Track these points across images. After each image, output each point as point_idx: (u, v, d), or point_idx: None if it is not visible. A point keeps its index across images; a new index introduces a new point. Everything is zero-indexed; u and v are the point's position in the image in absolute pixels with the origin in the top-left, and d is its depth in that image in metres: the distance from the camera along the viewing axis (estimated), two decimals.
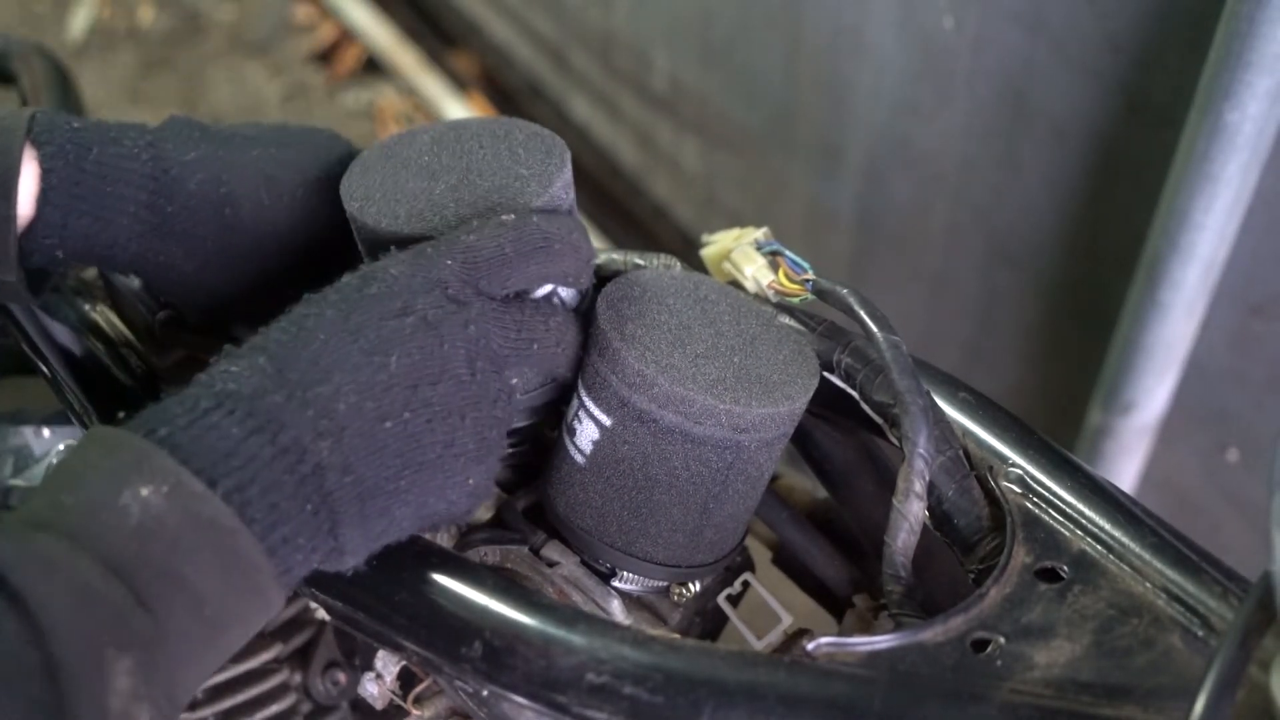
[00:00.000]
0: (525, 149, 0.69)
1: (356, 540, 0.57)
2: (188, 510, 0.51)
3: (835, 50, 1.54)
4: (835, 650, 0.59)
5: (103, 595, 0.48)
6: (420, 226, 0.64)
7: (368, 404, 0.56)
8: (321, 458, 0.55)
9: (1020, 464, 0.67)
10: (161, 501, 0.50)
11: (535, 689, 0.60)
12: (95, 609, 0.48)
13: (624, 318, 0.66)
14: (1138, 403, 1.31)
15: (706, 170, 1.96)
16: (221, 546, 0.52)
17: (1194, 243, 1.14)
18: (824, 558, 0.84)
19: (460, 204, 0.66)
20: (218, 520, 0.51)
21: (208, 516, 0.51)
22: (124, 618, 0.49)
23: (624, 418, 0.66)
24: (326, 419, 0.55)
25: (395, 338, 0.57)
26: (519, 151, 0.68)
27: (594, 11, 2.01)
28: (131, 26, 2.73)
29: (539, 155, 0.68)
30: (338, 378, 0.56)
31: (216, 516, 0.51)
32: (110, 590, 0.49)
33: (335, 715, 1.03)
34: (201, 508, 0.51)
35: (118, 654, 0.48)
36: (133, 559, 0.50)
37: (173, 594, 0.50)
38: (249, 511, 0.53)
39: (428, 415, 0.58)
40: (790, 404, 0.66)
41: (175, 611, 0.50)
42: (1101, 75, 1.22)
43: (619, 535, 0.69)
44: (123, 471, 0.51)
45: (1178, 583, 0.61)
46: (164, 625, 0.50)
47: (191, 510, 0.51)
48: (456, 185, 0.67)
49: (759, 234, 0.76)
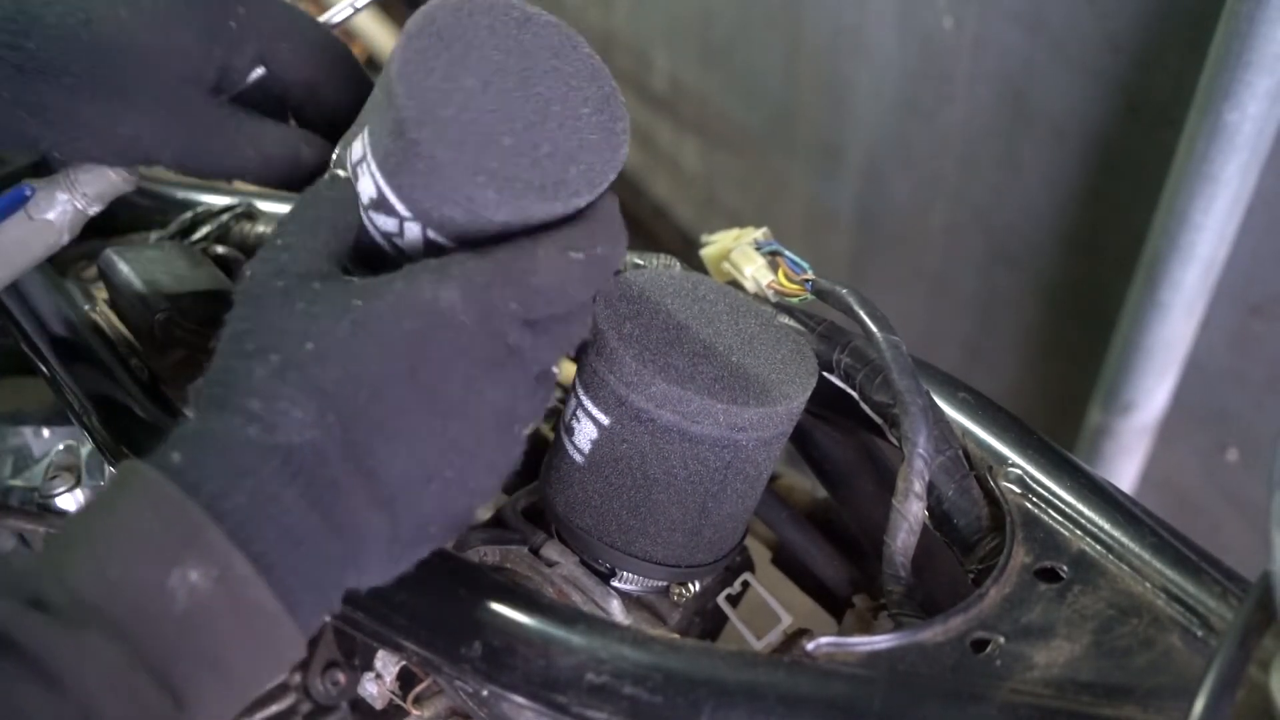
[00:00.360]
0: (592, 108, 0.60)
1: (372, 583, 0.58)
2: (233, 595, 0.51)
3: (835, 50, 1.54)
4: (835, 650, 0.60)
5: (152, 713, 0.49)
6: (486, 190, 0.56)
7: (421, 466, 0.56)
8: (371, 530, 0.55)
9: (1020, 464, 0.67)
10: (210, 586, 0.50)
11: (535, 689, 0.60)
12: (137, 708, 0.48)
13: (622, 317, 0.66)
14: (1137, 403, 1.31)
15: (706, 170, 1.96)
16: (262, 630, 0.52)
17: (1194, 243, 1.14)
18: (824, 558, 0.84)
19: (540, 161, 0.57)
20: (263, 606, 0.51)
21: (254, 601, 0.51)
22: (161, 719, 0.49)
23: (622, 417, 0.66)
24: (383, 488, 0.55)
25: (457, 405, 0.56)
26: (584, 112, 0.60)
27: (594, 11, 2.01)
28: None
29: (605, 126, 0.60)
30: (399, 445, 0.55)
31: (263, 603, 0.51)
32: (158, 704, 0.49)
33: (335, 715, 1.03)
34: (248, 592, 0.51)
35: None
36: (174, 652, 0.49)
37: (209, 680, 0.51)
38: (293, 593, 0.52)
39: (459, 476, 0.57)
40: (788, 403, 0.66)
41: (206, 696, 0.51)
42: (1101, 75, 1.22)
43: (618, 535, 0.69)
44: (173, 549, 0.50)
45: (1177, 583, 0.61)
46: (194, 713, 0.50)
47: (237, 595, 0.51)
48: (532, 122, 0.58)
49: (758, 234, 0.76)
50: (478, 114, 0.57)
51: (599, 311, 0.67)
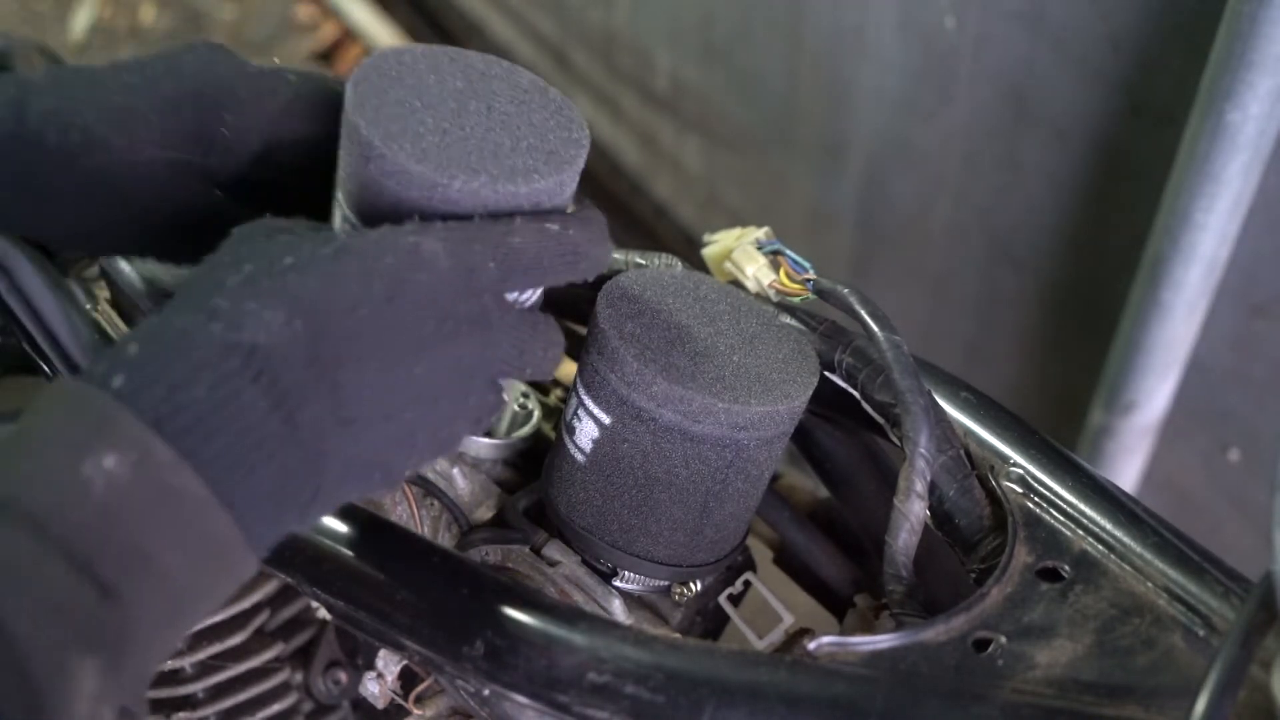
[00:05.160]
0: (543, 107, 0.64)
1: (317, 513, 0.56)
2: (155, 481, 0.48)
3: (836, 50, 1.54)
4: (837, 650, 0.59)
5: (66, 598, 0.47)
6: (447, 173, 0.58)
7: (385, 398, 0.55)
8: (333, 443, 0.54)
9: (1022, 464, 0.67)
10: (129, 473, 0.48)
11: (537, 688, 0.60)
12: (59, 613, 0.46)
13: (623, 316, 0.66)
14: (1139, 403, 1.31)
15: (708, 170, 1.96)
16: (192, 521, 0.49)
17: (1195, 243, 1.14)
18: (825, 557, 0.84)
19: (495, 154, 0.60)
20: (189, 493, 0.49)
21: (178, 488, 0.49)
22: (89, 619, 0.47)
23: (623, 416, 0.66)
24: (348, 406, 0.54)
25: (427, 345, 0.56)
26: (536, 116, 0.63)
27: (595, 11, 2.00)
28: (133, 26, 2.74)
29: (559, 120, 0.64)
30: (368, 368, 0.54)
31: (187, 489, 0.49)
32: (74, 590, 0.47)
33: (336, 714, 1.03)
34: (172, 479, 0.49)
35: (82, 657, 0.46)
36: (97, 541, 0.47)
37: (140, 578, 0.48)
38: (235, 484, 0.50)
39: (419, 423, 0.57)
40: (789, 402, 0.66)
41: (141, 594, 0.48)
42: (1103, 75, 1.22)
43: (620, 534, 0.69)
44: (85, 438, 0.48)
45: (1179, 582, 0.61)
46: (131, 614, 0.48)
47: (160, 481, 0.49)
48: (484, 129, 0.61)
49: (760, 233, 0.76)
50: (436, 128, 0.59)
51: (600, 311, 0.67)
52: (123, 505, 0.48)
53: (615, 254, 0.75)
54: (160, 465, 0.49)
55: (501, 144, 0.60)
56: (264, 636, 0.97)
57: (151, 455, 0.49)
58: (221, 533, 0.50)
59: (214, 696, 0.95)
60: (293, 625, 0.99)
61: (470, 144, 0.59)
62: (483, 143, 0.60)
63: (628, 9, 1.94)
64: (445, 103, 0.61)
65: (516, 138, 0.61)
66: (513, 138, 0.61)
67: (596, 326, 0.67)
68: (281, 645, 0.97)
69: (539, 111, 0.63)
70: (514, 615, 0.61)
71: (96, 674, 0.47)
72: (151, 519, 0.48)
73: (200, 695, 0.95)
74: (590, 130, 0.65)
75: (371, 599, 0.64)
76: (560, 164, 0.61)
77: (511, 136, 0.61)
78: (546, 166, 0.60)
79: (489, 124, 0.61)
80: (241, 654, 0.95)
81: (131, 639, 0.49)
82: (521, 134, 0.61)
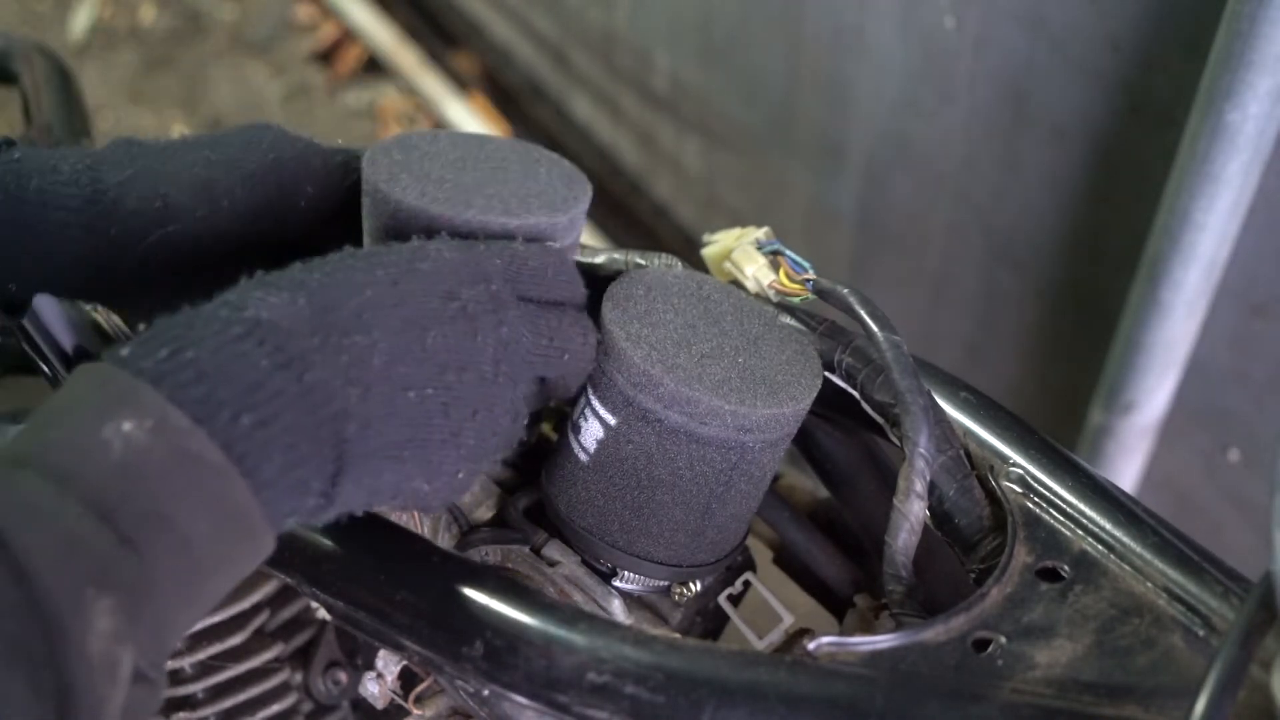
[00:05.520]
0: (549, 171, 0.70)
1: (348, 495, 0.56)
2: (172, 445, 0.50)
3: (836, 50, 1.54)
4: (836, 650, 0.59)
5: (84, 537, 0.47)
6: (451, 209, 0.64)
7: (399, 368, 0.56)
8: (348, 404, 0.54)
9: (1021, 464, 0.67)
10: (146, 437, 0.49)
11: (536, 688, 0.60)
12: (76, 550, 0.47)
13: (629, 317, 0.67)
14: (1139, 402, 1.31)
15: (707, 170, 1.96)
16: (209, 486, 0.50)
17: (1195, 242, 1.14)
18: (825, 557, 0.84)
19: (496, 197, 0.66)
20: (205, 458, 0.50)
21: (194, 452, 0.50)
22: (106, 559, 0.48)
23: (629, 417, 0.66)
24: (358, 368, 0.55)
25: (437, 317, 0.58)
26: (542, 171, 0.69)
27: (595, 11, 2.01)
28: (133, 26, 2.74)
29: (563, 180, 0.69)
30: (377, 334, 0.56)
31: (204, 454, 0.50)
32: (92, 531, 0.48)
33: (336, 715, 1.03)
34: (188, 443, 0.50)
35: (98, 594, 0.47)
36: (116, 497, 0.48)
37: (158, 535, 0.49)
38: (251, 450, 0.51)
39: (445, 399, 0.58)
40: (795, 404, 0.66)
41: (160, 554, 0.49)
42: (1102, 75, 1.22)
43: (620, 534, 0.69)
44: (105, 407, 0.50)
45: (1179, 583, 0.61)
46: (149, 567, 0.49)
47: (176, 445, 0.50)
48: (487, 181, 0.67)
49: (760, 233, 0.76)
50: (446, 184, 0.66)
51: (606, 311, 0.67)
52: (141, 466, 0.49)
53: (615, 254, 0.75)
54: (176, 431, 0.50)
55: (502, 190, 0.66)
56: (264, 637, 0.97)
57: (167, 421, 0.50)
58: (238, 499, 0.51)
59: (214, 697, 0.95)
60: (292, 625, 0.99)
61: (474, 189, 0.66)
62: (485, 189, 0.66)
63: (628, 9, 1.94)
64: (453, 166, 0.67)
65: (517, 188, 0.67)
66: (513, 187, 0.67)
67: (603, 328, 0.67)
68: (281, 645, 0.97)
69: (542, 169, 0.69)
70: (513, 615, 0.61)
71: (112, 614, 0.47)
72: (169, 481, 0.50)
73: (200, 695, 0.95)
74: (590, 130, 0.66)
75: (371, 599, 0.64)
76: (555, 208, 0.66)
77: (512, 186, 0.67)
78: (545, 209, 0.66)
79: (491, 177, 0.67)
80: (241, 654, 0.95)
81: (149, 591, 0.49)
82: (522, 185, 0.67)
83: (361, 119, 2.54)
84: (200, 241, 0.68)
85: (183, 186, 0.68)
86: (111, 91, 2.59)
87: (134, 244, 0.67)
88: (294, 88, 2.61)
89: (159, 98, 2.59)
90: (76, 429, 0.50)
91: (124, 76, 2.63)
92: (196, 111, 2.56)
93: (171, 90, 2.61)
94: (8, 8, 2.74)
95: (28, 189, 0.66)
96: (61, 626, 0.46)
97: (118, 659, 0.47)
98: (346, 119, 2.53)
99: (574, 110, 2.21)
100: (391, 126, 2.51)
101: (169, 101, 2.58)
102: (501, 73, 2.44)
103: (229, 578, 0.53)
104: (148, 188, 0.67)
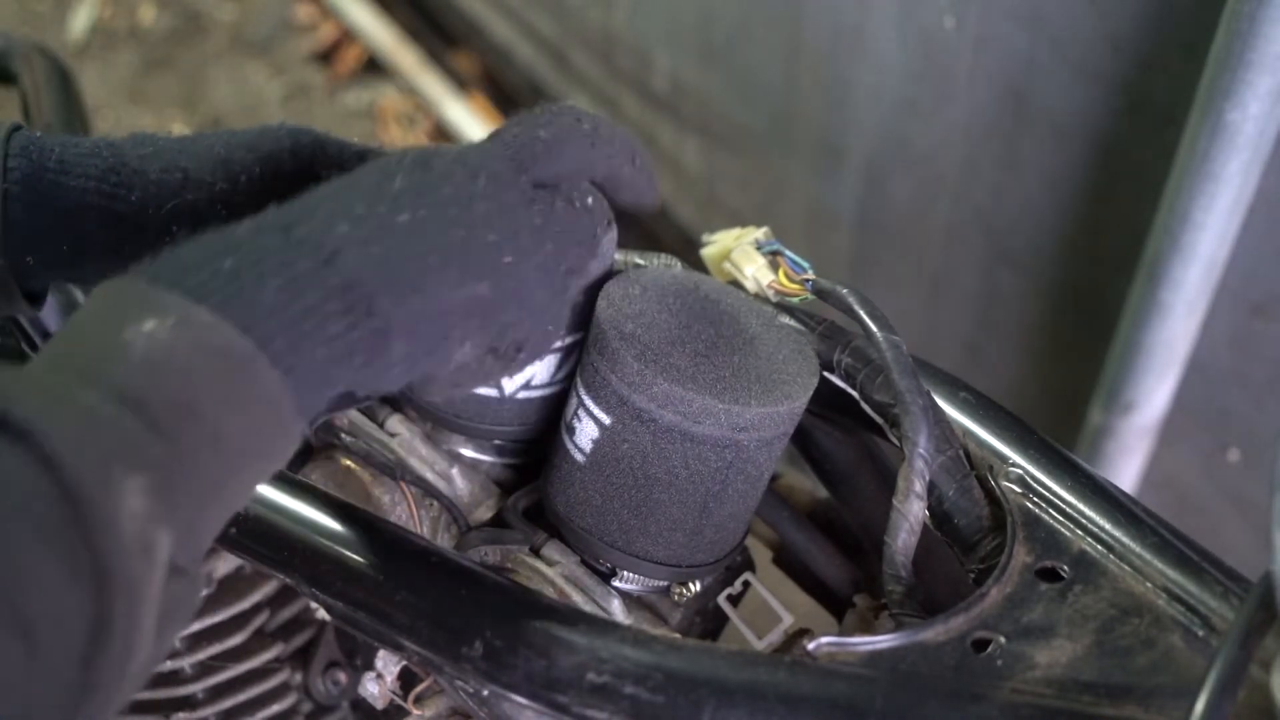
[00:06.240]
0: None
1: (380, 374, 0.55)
2: (197, 340, 0.49)
3: (836, 50, 1.54)
4: (836, 650, 0.59)
5: (110, 421, 0.47)
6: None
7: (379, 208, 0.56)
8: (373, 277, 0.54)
9: (1021, 464, 0.67)
10: (168, 333, 0.49)
11: (536, 689, 0.60)
12: (102, 434, 0.46)
13: (624, 316, 0.66)
14: (1138, 402, 1.31)
15: (707, 170, 1.96)
16: (236, 376, 0.50)
17: (1195, 242, 1.14)
18: (825, 557, 0.84)
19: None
20: (229, 348, 0.50)
21: (218, 345, 0.50)
22: (135, 441, 0.47)
23: (623, 417, 0.66)
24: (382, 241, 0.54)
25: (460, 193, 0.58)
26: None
27: (595, 11, 2.00)
28: (132, 26, 2.74)
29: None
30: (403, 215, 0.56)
31: (228, 344, 0.50)
32: (119, 417, 0.47)
33: (336, 715, 1.03)
34: (210, 337, 0.50)
35: (127, 472, 0.46)
36: (142, 389, 0.48)
37: (187, 425, 0.48)
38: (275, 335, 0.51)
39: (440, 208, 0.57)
40: (789, 403, 0.66)
41: (191, 443, 0.48)
42: (1102, 75, 1.22)
43: (619, 534, 0.69)
44: (125, 310, 0.50)
45: (1179, 583, 0.61)
46: (180, 454, 0.48)
47: (200, 340, 0.49)
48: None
49: (759, 233, 0.76)
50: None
51: (600, 310, 0.67)
52: (166, 360, 0.49)
53: (615, 255, 0.75)
54: (200, 325, 0.50)
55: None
56: (263, 637, 0.97)
57: (189, 317, 0.50)
58: (268, 388, 0.51)
59: (213, 697, 0.95)
60: (292, 626, 0.99)
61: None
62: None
63: (627, 9, 1.94)
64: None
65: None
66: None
67: (597, 326, 0.67)
68: (281, 646, 0.97)
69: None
70: (513, 616, 0.61)
71: (143, 493, 0.46)
72: (195, 373, 0.49)
73: (200, 695, 0.95)
74: None
75: (370, 599, 0.64)
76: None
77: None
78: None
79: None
80: (241, 654, 0.95)
81: (182, 476, 0.48)
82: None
83: (361, 119, 2.53)
84: (218, 213, 0.68)
85: (202, 162, 0.68)
86: (111, 92, 2.59)
87: (154, 210, 0.67)
88: (294, 88, 2.61)
89: (158, 98, 2.59)
90: (97, 334, 0.49)
91: (123, 77, 2.63)
92: (196, 111, 2.56)
93: (171, 90, 2.61)
94: (7, 8, 2.74)
95: (49, 159, 0.67)
96: (92, 505, 0.45)
97: (153, 541, 0.46)
98: (346, 119, 2.53)
99: None
100: (391, 126, 2.51)
101: (168, 101, 2.58)
102: (501, 73, 2.44)
103: (261, 471, 0.53)
104: (168, 162, 0.68)
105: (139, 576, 0.46)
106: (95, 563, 0.44)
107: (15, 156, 0.67)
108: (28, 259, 0.68)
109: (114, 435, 0.46)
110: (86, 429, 0.46)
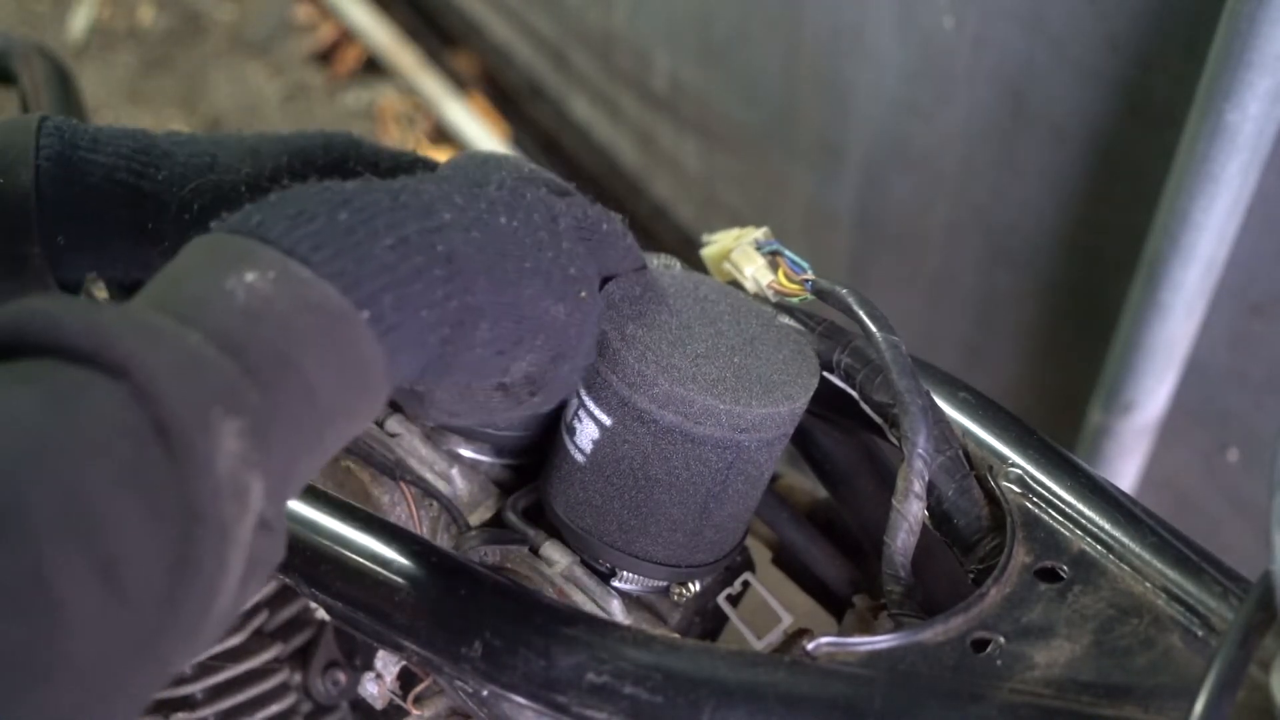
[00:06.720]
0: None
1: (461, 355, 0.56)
2: (297, 295, 0.50)
3: (835, 50, 1.54)
4: (835, 650, 0.59)
5: (211, 362, 0.47)
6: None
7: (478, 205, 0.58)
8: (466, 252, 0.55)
9: (1020, 464, 0.67)
10: (269, 286, 0.49)
11: (535, 689, 0.60)
12: (203, 373, 0.46)
13: (624, 317, 0.66)
14: (1138, 403, 1.31)
15: (706, 170, 1.96)
16: (334, 332, 0.50)
17: (1194, 242, 1.14)
18: (824, 558, 0.84)
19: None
20: (327, 304, 0.50)
21: (317, 302, 0.50)
22: (233, 385, 0.47)
23: (624, 417, 0.66)
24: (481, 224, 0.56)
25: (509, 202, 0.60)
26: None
27: (594, 11, 2.01)
28: (132, 26, 2.74)
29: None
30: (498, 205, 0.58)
31: (325, 301, 0.50)
32: (219, 360, 0.47)
33: (335, 715, 1.03)
34: (310, 293, 0.50)
35: (225, 414, 0.46)
36: (241, 337, 0.48)
37: (284, 376, 0.49)
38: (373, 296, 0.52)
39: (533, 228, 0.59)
40: (790, 404, 0.66)
41: (286, 394, 0.49)
42: (1101, 75, 1.22)
43: (619, 535, 0.69)
44: (226, 261, 0.50)
45: (1178, 582, 0.61)
46: (275, 405, 0.48)
47: (300, 295, 0.50)
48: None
49: (759, 234, 0.76)
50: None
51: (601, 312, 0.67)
52: (266, 311, 0.49)
53: None
54: (300, 280, 0.50)
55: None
56: (263, 637, 0.97)
57: (290, 272, 0.50)
58: (362, 349, 0.51)
59: (213, 697, 0.95)
60: (291, 626, 0.99)
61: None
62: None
63: (626, 9, 1.94)
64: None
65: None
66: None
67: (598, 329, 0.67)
68: (280, 646, 0.97)
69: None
70: (512, 616, 0.61)
71: (240, 436, 0.46)
72: (294, 327, 0.49)
73: (199, 696, 0.95)
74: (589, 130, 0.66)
75: (370, 599, 0.64)
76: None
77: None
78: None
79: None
80: (240, 655, 0.95)
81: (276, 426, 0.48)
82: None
83: (360, 119, 2.53)
84: (242, 195, 0.68)
85: (232, 150, 0.70)
86: (110, 92, 2.59)
87: (178, 189, 0.68)
88: (293, 88, 2.61)
89: (158, 98, 2.59)
90: (198, 282, 0.49)
91: (123, 77, 2.63)
92: (196, 111, 2.56)
93: (170, 90, 2.61)
94: (6, 8, 2.74)
95: (82, 138, 0.68)
96: (189, 443, 0.44)
97: (247, 485, 0.46)
98: (346, 119, 2.53)
99: (573, 110, 2.21)
100: (390, 126, 2.51)
101: (168, 102, 2.58)
102: (501, 73, 2.44)
103: (345, 430, 0.53)
104: (199, 148, 0.69)
105: (230, 519, 0.45)
106: (184, 502, 0.44)
107: (48, 135, 0.68)
108: (59, 239, 0.68)
109: (216, 376, 0.46)
110: (189, 367, 0.46)
